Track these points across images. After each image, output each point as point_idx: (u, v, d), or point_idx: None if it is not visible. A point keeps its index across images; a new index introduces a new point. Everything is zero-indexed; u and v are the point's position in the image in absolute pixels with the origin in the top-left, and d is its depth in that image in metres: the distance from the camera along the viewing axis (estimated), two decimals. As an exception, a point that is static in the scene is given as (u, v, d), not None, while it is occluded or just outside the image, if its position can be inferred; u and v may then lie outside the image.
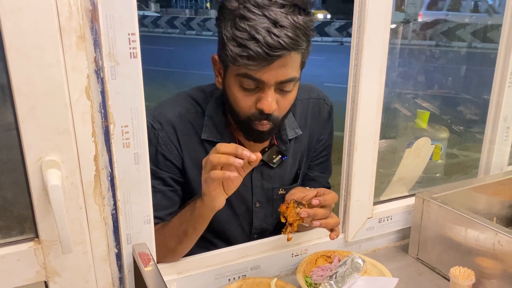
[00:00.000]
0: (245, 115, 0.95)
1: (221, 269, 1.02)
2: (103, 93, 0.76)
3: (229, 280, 1.04)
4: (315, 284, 1.00)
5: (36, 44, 0.67)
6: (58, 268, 0.80)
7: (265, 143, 1.07)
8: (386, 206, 1.22)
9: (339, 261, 1.05)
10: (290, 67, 0.90)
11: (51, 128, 0.71)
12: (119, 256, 0.86)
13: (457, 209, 1.06)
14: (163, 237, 0.97)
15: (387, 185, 1.27)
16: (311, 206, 0.98)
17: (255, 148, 1.07)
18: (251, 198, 1.13)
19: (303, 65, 0.96)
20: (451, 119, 1.96)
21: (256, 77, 0.89)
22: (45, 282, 0.80)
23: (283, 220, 0.98)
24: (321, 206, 0.99)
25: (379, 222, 1.20)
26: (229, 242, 1.13)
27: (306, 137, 1.17)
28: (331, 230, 1.03)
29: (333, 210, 1.04)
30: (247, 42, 0.84)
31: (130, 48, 0.74)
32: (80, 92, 0.73)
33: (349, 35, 1.04)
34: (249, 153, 0.82)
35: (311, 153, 1.20)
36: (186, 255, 1.01)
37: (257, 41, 0.84)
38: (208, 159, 0.85)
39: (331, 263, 1.08)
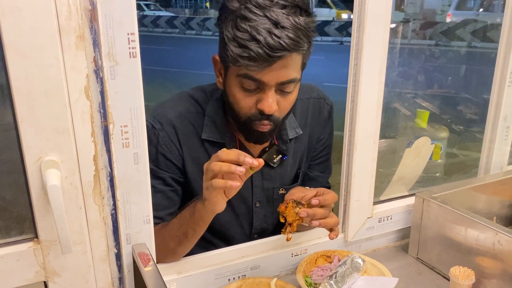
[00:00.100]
0: (246, 116, 0.95)
1: (221, 269, 1.02)
2: (102, 93, 0.75)
3: (229, 280, 1.04)
4: (315, 284, 1.00)
5: (35, 44, 0.67)
6: (57, 268, 0.79)
7: (266, 143, 1.07)
8: (386, 205, 1.22)
9: (339, 261, 1.05)
10: (291, 68, 0.90)
11: (51, 128, 0.71)
12: (118, 256, 0.86)
13: (457, 209, 1.06)
14: (163, 237, 0.97)
15: (387, 184, 1.26)
16: (310, 205, 0.98)
17: (256, 148, 1.07)
18: (251, 198, 1.13)
19: (304, 66, 0.96)
20: (451, 119, 1.96)
21: (256, 77, 0.89)
22: (45, 282, 0.80)
23: (282, 220, 0.98)
24: (320, 205, 0.99)
25: (379, 221, 1.20)
26: (229, 242, 1.13)
27: (306, 137, 1.16)
28: (331, 230, 1.03)
29: (333, 209, 1.04)
30: (248, 42, 0.84)
31: (129, 48, 0.74)
32: (79, 92, 0.73)
33: (349, 35, 1.04)
34: (251, 160, 0.81)
35: (311, 152, 1.20)
36: (186, 255, 1.01)
37: (258, 41, 0.84)
38: (209, 166, 0.84)
39: (331, 263, 1.08)
